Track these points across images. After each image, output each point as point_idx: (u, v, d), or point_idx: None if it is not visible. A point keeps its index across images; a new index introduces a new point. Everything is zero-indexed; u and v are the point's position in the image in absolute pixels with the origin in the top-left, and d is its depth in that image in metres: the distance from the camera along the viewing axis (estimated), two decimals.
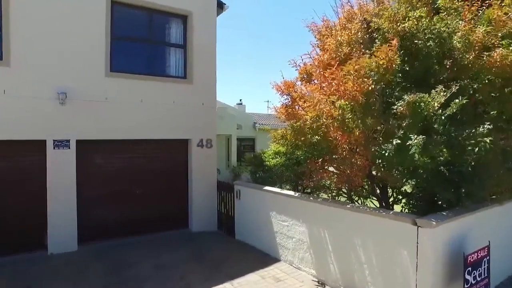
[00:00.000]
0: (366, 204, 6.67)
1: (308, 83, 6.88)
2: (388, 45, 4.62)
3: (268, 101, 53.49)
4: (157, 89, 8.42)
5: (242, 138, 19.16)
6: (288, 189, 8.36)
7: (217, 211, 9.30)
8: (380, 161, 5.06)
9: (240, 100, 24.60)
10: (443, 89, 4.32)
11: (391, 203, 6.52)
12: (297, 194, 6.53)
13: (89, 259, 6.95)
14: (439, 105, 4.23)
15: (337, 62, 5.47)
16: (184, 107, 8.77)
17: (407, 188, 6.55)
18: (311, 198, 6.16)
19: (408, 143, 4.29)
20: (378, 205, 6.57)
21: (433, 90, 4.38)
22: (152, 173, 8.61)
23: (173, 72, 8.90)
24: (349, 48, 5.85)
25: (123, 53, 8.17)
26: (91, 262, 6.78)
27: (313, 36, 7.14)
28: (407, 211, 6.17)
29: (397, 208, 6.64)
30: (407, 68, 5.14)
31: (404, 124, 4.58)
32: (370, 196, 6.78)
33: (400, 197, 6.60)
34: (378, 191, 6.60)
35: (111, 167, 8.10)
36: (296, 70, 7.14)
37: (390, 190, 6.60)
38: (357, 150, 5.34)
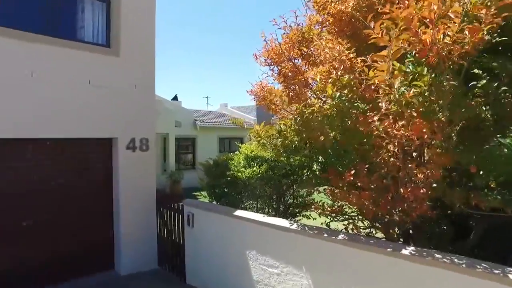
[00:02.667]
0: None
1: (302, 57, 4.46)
2: None
3: (207, 97, 49.93)
4: (60, 59, 5.20)
5: (181, 138, 16.08)
6: (259, 207, 5.80)
7: (157, 237, 6.37)
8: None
9: (175, 95, 21.27)
10: None
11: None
12: (295, 226, 4.00)
13: None
14: None
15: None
16: (106, 90, 5.67)
17: None
18: (325, 234, 3.68)
19: None
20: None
21: None
22: (52, 192, 5.35)
23: (89, 36, 5.72)
24: None
25: None
26: None
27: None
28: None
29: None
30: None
31: None
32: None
33: None
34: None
35: None
36: (284, 34, 4.65)
37: None
38: (424, 152, 3.01)
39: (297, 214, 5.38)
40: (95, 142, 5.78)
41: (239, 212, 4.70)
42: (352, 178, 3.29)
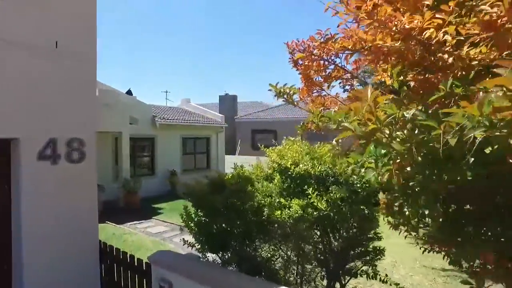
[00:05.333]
0: None
1: None
2: None
3: (167, 91, 45.90)
4: None
5: (137, 138, 12.92)
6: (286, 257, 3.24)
7: None
8: None
9: (129, 89, 17.82)
10: None
11: None
12: None
13: None
14: None
15: None
16: None
17: None
18: None
19: None
20: None
21: None
22: None
23: None
24: None
25: None
26: None
27: None
28: None
29: None
30: None
31: None
32: None
33: None
34: None
35: None
36: None
37: None
38: None
39: (358, 273, 2.92)
40: None
41: None
42: None
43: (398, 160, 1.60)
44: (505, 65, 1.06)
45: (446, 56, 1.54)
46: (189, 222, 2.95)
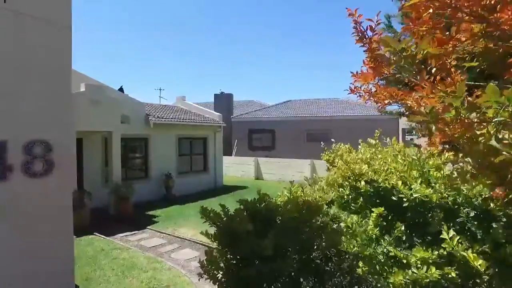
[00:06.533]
0: None
1: None
2: None
3: (161, 89, 43.93)
4: None
5: (129, 138, 11.74)
6: None
7: None
8: None
9: (121, 86, 16.56)
10: None
11: None
12: None
13: None
14: None
15: None
16: None
17: None
18: None
19: None
20: None
21: None
22: None
23: None
24: None
25: None
26: None
27: None
28: None
29: None
30: None
31: None
32: None
33: None
34: None
35: None
36: None
37: None
38: None
39: None
40: None
41: None
42: None
43: None
44: None
45: None
46: (214, 271, 1.88)
